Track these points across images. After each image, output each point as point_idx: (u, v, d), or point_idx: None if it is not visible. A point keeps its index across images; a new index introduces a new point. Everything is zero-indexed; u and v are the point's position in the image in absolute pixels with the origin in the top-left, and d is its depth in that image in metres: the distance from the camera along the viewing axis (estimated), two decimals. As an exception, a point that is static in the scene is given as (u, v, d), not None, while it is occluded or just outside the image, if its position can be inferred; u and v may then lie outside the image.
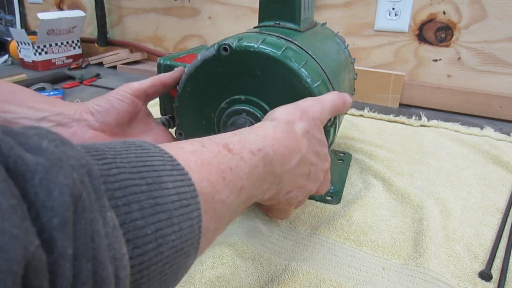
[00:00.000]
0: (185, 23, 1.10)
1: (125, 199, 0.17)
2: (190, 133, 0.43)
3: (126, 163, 0.18)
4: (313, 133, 0.32)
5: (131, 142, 0.20)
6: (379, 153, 0.58)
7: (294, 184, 0.31)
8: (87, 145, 0.18)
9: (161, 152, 0.20)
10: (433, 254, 0.37)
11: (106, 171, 0.17)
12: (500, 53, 0.78)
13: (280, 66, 0.36)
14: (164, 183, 0.18)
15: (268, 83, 0.37)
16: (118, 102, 0.39)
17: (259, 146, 0.26)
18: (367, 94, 0.86)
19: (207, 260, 0.36)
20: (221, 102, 0.39)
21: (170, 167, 0.20)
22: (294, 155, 0.30)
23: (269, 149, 0.27)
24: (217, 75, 0.38)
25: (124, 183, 0.17)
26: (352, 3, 0.88)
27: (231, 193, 0.23)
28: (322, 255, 0.38)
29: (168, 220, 0.18)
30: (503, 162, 0.56)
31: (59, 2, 1.31)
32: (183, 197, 0.19)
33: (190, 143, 0.23)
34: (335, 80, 0.41)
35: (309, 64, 0.37)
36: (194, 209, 0.19)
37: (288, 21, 0.43)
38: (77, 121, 0.37)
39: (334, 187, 0.48)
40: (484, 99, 0.80)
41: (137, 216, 0.17)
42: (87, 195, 0.14)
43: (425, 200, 0.46)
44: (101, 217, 0.15)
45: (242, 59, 0.37)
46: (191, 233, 0.19)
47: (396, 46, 0.87)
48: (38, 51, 1.10)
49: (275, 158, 0.27)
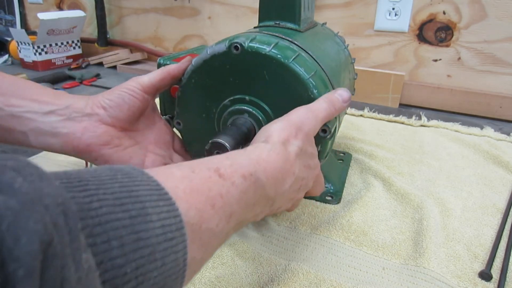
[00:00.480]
0: (185, 23, 1.10)
1: (105, 235, 0.16)
2: (189, 124, 0.43)
3: (109, 194, 0.17)
4: (305, 149, 0.32)
5: (118, 169, 0.19)
6: (379, 153, 0.58)
7: (287, 201, 0.31)
8: (70, 173, 0.17)
9: (149, 180, 0.20)
10: (433, 254, 0.37)
11: (86, 205, 0.16)
12: (500, 53, 0.78)
13: (289, 74, 0.36)
14: (149, 215, 0.18)
15: (274, 87, 0.37)
16: (130, 98, 0.38)
17: (251, 171, 0.26)
18: (367, 94, 0.86)
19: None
20: (225, 99, 0.39)
21: (157, 197, 0.19)
22: (288, 178, 0.29)
23: (262, 173, 0.26)
24: (224, 72, 0.38)
25: (105, 217, 0.16)
26: (352, 3, 0.88)
27: (220, 220, 0.22)
28: (322, 255, 0.38)
29: (150, 255, 0.17)
30: (503, 162, 0.56)
31: (59, 2, 1.31)
32: (168, 230, 0.18)
33: (179, 168, 0.23)
34: (335, 80, 0.41)
35: (318, 74, 0.37)
36: (180, 242, 0.19)
37: (288, 21, 0.43)
38: (88, 116, 0.36)
39: (334, 187, 0.48)
40: (484, 99, 0.80)
41: (117, 254, 0.16)
42: (59, 239, 0.13)
43: (425, 200, 0.46)
44: (73, 262, 0.14)
45: (252, 60, 0.37)
46: (175, 267, 0.18)
47: (396, 46, 0.87)
48: (38, 51, 1.10)
49: (268, 183, 0.27)
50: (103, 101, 0.37)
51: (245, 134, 0.37)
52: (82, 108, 0.36)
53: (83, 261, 0.14)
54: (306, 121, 0.33)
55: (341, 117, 0.44)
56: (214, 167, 0.24)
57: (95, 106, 0.36)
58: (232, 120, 0.39)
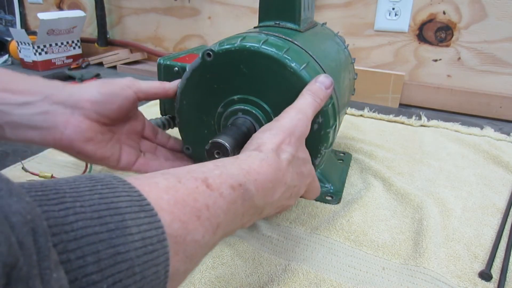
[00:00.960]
0: (185, 23, 1.10)
1: (80, 251, 0.15)
2: (196, 146, 0.43)
3: (87, 206, 0.17)
4: (298, 155, 0.31)
5: (98, 180, 0.19)
6: (379, 153, 0.58)
7: (275, 208, 0.31)
8: (47, 185, 0.17)
9: (130, 190, 0.19)
10: (433, 254, 0.37)
11: (61, 219, 0.15)
12: (500, 53, 0.78)
13: (288, 73, 0.36)
14: (128, 227, 0.17)
15: (256, 79, 0.37)
16: (122, 98, 0.36)
17: (241, 181, 0.25)
18: (367, 94, 0.86)
19: (207, 260, 0.36)
20: (217, 107, 0.39)
21: (138, 208, 0.18)
22: (279, 188, 0.29)
23: (251, 184, 0.26)
24: (207, 82, 0.39)
25: (80, 232, 0.16)
26: (352, 3, 0.88)
27: (206, 232, 0.22)
28: (322, 255, 0.38)
29: (129, 270, 0.17)
30: (503, 162, 0.56)
31: (59, 2, 1.31)
32: (148, 243, 0.18)
33: (165, 178, 0.22)
34: (335, 80, 0.41)
35: (318, 73, 0.37)
36: (161, 254, 0.18)
37: (288, 21, 0.43)
38: (71, 109, 0.33)
39: (334, 187, 0.48)
40: (484, 99, 0.80)
41: (93, 270, 0.15)
42: (25, 260, 0.13)
43: (425, 200, 0.46)
44: (41, 283, 0.13)
45: (225, 60, 0.37)
46: (156, 279, 0.18)
47: (396, 46, 0.87)
48: (38, 51, 1.10)
49: (258, 194, 0.26)
50: (92, 95, 0.34)
51: (245, 134, 0.37)
52: (64, 99, 0.33)
53: (53, 281, 0.14)
54: (298, 124, 0.32)
55: (341, 117, 0.44)
56: (202, 177, 0.23)
57: (81, 98, 0.34)
58: (231, 122, 0.39)
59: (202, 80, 0.39)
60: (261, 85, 0.37)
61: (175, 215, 0.20)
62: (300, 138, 0.32)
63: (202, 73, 0.39)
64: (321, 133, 0.37)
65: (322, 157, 0.38)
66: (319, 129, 0.37)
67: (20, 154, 0.57)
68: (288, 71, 0.35)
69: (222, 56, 0.37)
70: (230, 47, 0.37)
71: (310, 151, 0.36)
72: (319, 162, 0.39)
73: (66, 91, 0.34)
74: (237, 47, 0.36)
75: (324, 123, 0.37)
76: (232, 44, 0.37)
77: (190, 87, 0.40)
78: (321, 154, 0.38)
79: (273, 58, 0.36)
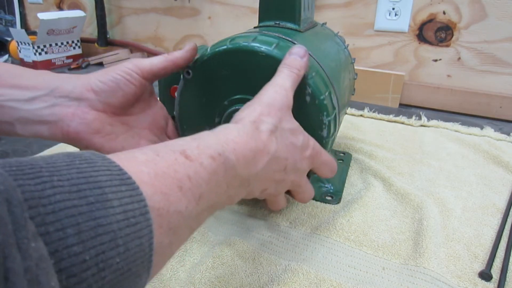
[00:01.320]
0: (185, 23, 1.10)
1: (59, 223, 0.15)
2: (189, 125, 0.43)
3: (65, 181, 0.16)
4: (283, 126, 0.31)
5: (76, 155, 0.19)
6: (379, 153, 0.58)
7: (269, 182, 0.30)
8: (22, 160, 0.17)
9: (110, 165, 0.19)
10: (433, 254, 0.37)
11: (38, 193, 0.15)
12: (500, 53, 0.78)
13: (262, 59, 0.36)
14: (109, 200, 0.17)
15: (255, 79, 0.37)
16: (126, 83, 0.34)
17: (219, 151, 0.25)
18: (367, 94, 0.86)
19: (207, 260, 0.36)
20: (217, 108, 0.40)
21: (118, 181, 0.18)
22: (261, 158, 0.28)
23: (231, 153, 0.26)
24: (207, 83, 0.39)
25: (59, 205, 0.15)
26: (352, 3, 0.88)
27: (189, 202, 0.22)
28: (322, 255, 0.38)
29: (111, 242, 0.17)
30: (503, 162, 0.56)
31: (59, 2, 1.31)
32: (130, 215, 0.18)
33: (143, 152, 0.22)
34: (335, 80, 0.41)
35: (318, 73, 0.37)
36: (144, 227, 0.18)
37: (288, 21, 0.43)
38: (77, 100, 0.33)
39: (334, 187, 0.48)
40: (484, 99, 0.80)
41: (73, 242, 0.15)
42: (0, 229, 0.13)
43: (425, 200, 0.46)
44: (19, 252, 0.13)
45: (225, 60, 0.38)
46: (140, 252, 0.18)
47: (396, 46, 0.87)
48: (38, 51, 1.10)
49: (239, 163, 0.26)
50: (95, 84, 0.34)
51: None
52: (69, 91, 0.33)
53: (31, 250, 0.14)
54: (276, 96, 0.32)
55: (341, 117, 0.44)
56: (180, 150, 0.23)
57: (85, 89, 0.33)
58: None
59: (201, 81, 0.39)
60: (260, 85, 0.37)
61: (157, 187, 0.20)
62: (282, 108, 0.31)
63: (200, 74, 0.39)
64: (316, 103, 0.36)
65: (327, 127, 0.37)
66: (312, 99, 0.36)
67: (20, 154, 0.57)
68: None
69: (229, 55, 0.37)
70: (240, 47, 0.37)
71: (314, 124, 0.36)
72: (327, 134, 0.38)
73: (70, 83, 0.34)
74: (235, 48, 0.36)
75: (315, 92, 0.36)
76: (242, 44, 0.37)
77: (189, 87, 0.40)
78: (325, 124, 0.37)
79: (272, 57, 0.36)
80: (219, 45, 0.38)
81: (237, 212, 0.44)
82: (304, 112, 0.36)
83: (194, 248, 0.38)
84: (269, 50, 0.36)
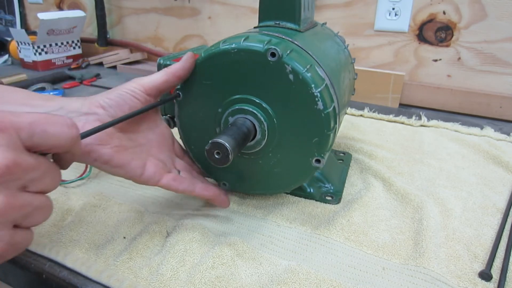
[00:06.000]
0: (185, 23, 1.10)
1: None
2: (197, 147, 0.43)
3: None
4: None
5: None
6: (379, 153, 0.58)
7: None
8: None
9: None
10: (433, 254, 0.37)
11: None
12: (500, 53, 0.78)
13: (262, 59, 0.36)
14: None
15: (255, 79, 0.37)
16: (131, 98, 0.36)
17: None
18: (367, 94, 0.86)
19: (207, 260, 0.36)
20: (218, 108, 0.40)
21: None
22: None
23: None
24: (207, 83, 0.39)
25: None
26: (352, 3, 0.88)
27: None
28: (322, 255, 0.38)
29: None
30: (503, 162, 0.56)
31: (59, 2, 1.31)
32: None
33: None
34: (335, 80, 0.41)
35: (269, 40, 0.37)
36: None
37: (288, 21, 0.43)
38: (85, 115, 0.34)
39: (334, 187, 0.48)
40: (484, 99, 0.80)
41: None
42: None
43: (425, 200, 0.46)
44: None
45: (225, 60, 0.38)
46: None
47: (396, 46, 0.87)
48: (38, 51, 1.10)
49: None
50: (102, 101, 0.35)
51: (245, 134, 0.37)
52: (77, 108, 0.34)
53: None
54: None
55: (341, 117, 0.44)
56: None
57: (93, 105, 0.35)
58: (233, 120, 0.39)
59: (202, 81, 0.39)
60: (260, 85, 0.37)
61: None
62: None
63: (192, 84, 0.39)
64: (300, 78, 0.37)
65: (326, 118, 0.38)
66: (295, 76, 0.37)
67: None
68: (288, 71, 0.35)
69: (207, 64, 0.38)
70: (212, 52, 0.37)
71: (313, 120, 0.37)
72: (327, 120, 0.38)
73: (78, 102, 0.35)
74: (236, 48, 0.36)
75: (296, 68, 0.37)
76: (213, 49, 0.37)
77: (184, 108, 0.40)
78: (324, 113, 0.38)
79: (254, 51, 0.36)
80: (197, 59, 0.39)
81: (237, 212, 0.44)
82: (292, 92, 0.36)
83: (194, 248, 0.38)
84: (239, 44, 0.36)
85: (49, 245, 0.38)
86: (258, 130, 0.38)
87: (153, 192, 0.48)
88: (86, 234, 0.40)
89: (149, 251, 0.38)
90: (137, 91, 0.36)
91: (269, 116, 0.38)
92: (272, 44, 0.36)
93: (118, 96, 0.36)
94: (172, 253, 0.37)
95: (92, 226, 0.41)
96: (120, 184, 0.49)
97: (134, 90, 0.36)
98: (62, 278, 0.36)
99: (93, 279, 0.35)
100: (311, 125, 0.37)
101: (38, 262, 0.37)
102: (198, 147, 0.43)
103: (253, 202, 0.46)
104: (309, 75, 0.35)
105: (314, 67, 0.37)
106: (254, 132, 0.38)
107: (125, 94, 0.36)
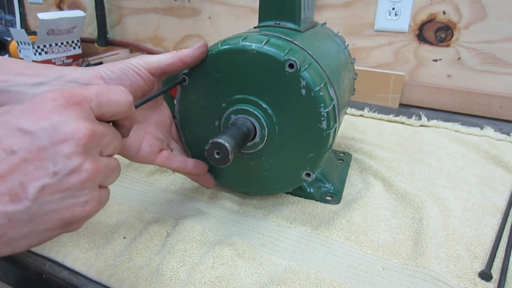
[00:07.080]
0: (185, 23, 1.10)
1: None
2: (197, 146, 0.43)
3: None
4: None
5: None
6: (379, 153, 0.58)
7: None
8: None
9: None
10: (433, 254, 0.37)
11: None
12: (500, 53, 0.78)
13: (263, 59, 0.36)
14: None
15: (256, 79, 0.37)
16: (133, 74, 0.35)
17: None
18: (367, 94, 0.86)
19: (207, 260, 0.36)
20: (218, 108, 0.40)
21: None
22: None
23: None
24: (207, 83, 0.39)
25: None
26: (352, 3, 0.88)
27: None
28: (322, 255, 0.38)
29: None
30: (503, 162, 0.56)
31: (59, 2, 1.31)
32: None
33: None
34: (335, 80, 0.41)
35: (272, 41, 0.37)
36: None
37: (288, 21, 0.43)
38: (85, 86, 0.33)
39: (334, 187, 0.48)
40: (484, 99, 0.80)
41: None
42: None
43: (425, 200, 0.46)
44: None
45: (225, 60, 0.38)
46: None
47: (396, 46, 0.87)
48: (38, 51, 1.10)
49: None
50: (104, 72, 0.34)
51: (245, 135, 0.37)
52: (77, 78, 0.33)
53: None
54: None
55: (341, 117, 0.44)
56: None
57: (93, 76, 0.34)
58: (233, 120, 0.39)
59: (202, 81, 0.39)
60: (261, 85, 0.37)
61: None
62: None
63: (201, 74, 0.39)
64: (311, 95, 0.37)
65: (326, 119, 0.38)
66: (308, 92, 0.37)
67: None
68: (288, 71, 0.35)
69: (221, 57, 0.37)
70: (230, 47, 0.37)
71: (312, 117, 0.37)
72: (327, 127, 0.37)
73: (78, 71, 0.34)
74: (256, 50, 0.36)
75: (310, 85, 0.37)
76: (232, 44, 0.37)
77: (187, 94, 0.40)
78: (323, 116, 0.38)
79: (273, 58, 0.36)
80: (211, 49, 0.38)
81: (237, 212, 0.44)
82: (301, 104, 0.36)
83: (194, 248, 0.38)
84: (259, 47, 0.36)
85: (49, 245, 0.38)
86: (258, 134, 0.38)
87: (153, 192, 0.48)
88: (86, 234, 0.40)
89: (149, 251, 0.38)
90: (141, 68, 0.35)
91: (272, 123, 0.38)
92: (291, 54, 0.36)
93: (121, 70, 0.35)
94: (172, 253, 0.37)
95: (92, 226, 0.41)
96: (120, 184, 0.49)
97: (137, 67, 0.35)
98: (62, 278, 0.36)
99: (93, 279, 0.35)
100: (311, 141, 0.38)
101: (38, 262, 0.37)
102: (192, 134, 0.43)
103: (253, 202, 0.46)
104: (321, 94, 0.36)
105: (327, 86, 0.37)
106: (254, 133, 0.38)
107: (128, 69, 0.35)
